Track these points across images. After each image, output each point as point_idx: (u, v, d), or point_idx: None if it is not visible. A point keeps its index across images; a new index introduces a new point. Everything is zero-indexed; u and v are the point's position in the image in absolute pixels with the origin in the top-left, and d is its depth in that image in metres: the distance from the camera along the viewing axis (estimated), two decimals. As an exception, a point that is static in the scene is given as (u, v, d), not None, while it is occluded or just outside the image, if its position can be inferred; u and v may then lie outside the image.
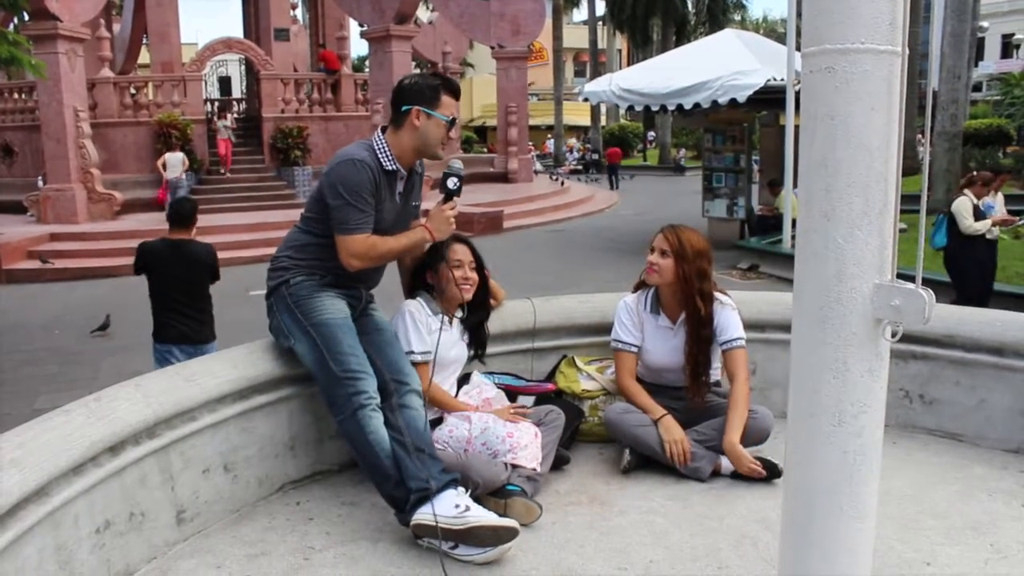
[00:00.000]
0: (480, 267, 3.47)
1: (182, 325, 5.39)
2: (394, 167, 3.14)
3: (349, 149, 3.18)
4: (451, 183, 3.20)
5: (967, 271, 8.64)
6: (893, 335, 1.69)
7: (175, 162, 18.69)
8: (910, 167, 23.73)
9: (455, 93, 3.21)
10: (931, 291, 1.62)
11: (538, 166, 33.44)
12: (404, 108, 3.14)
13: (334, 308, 3.12)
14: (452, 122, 3.18)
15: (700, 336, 3.49)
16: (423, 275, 3.43)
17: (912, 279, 1.64)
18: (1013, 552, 2.74)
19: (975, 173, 9.51)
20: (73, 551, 2.41)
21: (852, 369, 1.69)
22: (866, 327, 1.68)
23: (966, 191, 8.69)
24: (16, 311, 11.43)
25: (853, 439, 1.71)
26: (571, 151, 42.50)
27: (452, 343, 3.42)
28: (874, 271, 1.67)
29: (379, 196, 3.12)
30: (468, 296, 3.40)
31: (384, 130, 3.21)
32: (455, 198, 3.22)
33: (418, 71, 26.10)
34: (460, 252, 3.39)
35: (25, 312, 11.33)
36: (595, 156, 38.41)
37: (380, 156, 3.12)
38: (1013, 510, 3.05)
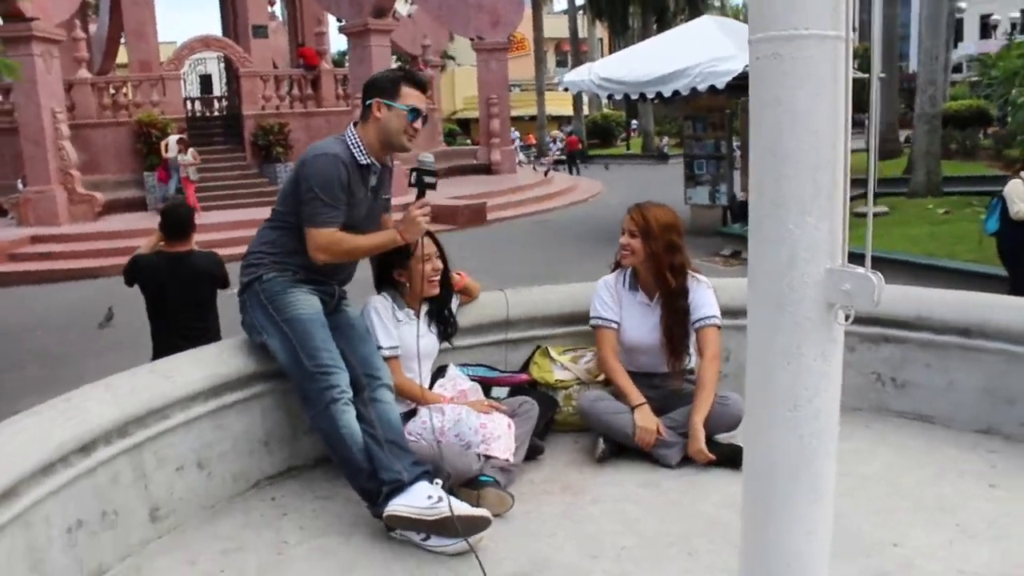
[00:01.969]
0: (441, 254, 3.48)
1: (189, 346, 4.97)
2: (367, 161, 3.15)
3: (323, 143, 3.19)
4: (423, 179, 3.14)
5: (1022, 258, 7.81)
6: (846, 318, 1.71)
7: (175, 143, 18.55)
8: (892, 150, 23.87)
9: (419, 85, 3.21)
10: (880, 274, 1.63)
11: (521, 157, 33.39)
12: (367, 102, 3.16)
13: (307, 304, 3.13)
14: (416, 113, 3.15)
15: (675, 308, 3.50)
16: (389, 273, 3.43)
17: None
18: (979, 531, 2.77)
19: None
20: (44, 551, 2.41)
21: (806, 354, 1.70)
22: (819, 312, 1.69)
23: (1022, 173, 7.88)
24: (-1, 315, 11.37)
25: (810, 422, 1.72)
26: (554, 141, 42.39)
27: (421, 335, 3.42)
28: (826, 256, 1.68)
29: (352, 191, 3.12)
30: (436, 291, 3.42)
31: (356, 125, 3.22)
32: (428, 193, 3.17)
33: (398, 64, 26.04)
34: (427, 246, 3.37)
35: (8, 315, 11.26)
36: (579, 146, 38.19)
37: (353, 150, 3.13)
38: (981, 490, 3.08)
